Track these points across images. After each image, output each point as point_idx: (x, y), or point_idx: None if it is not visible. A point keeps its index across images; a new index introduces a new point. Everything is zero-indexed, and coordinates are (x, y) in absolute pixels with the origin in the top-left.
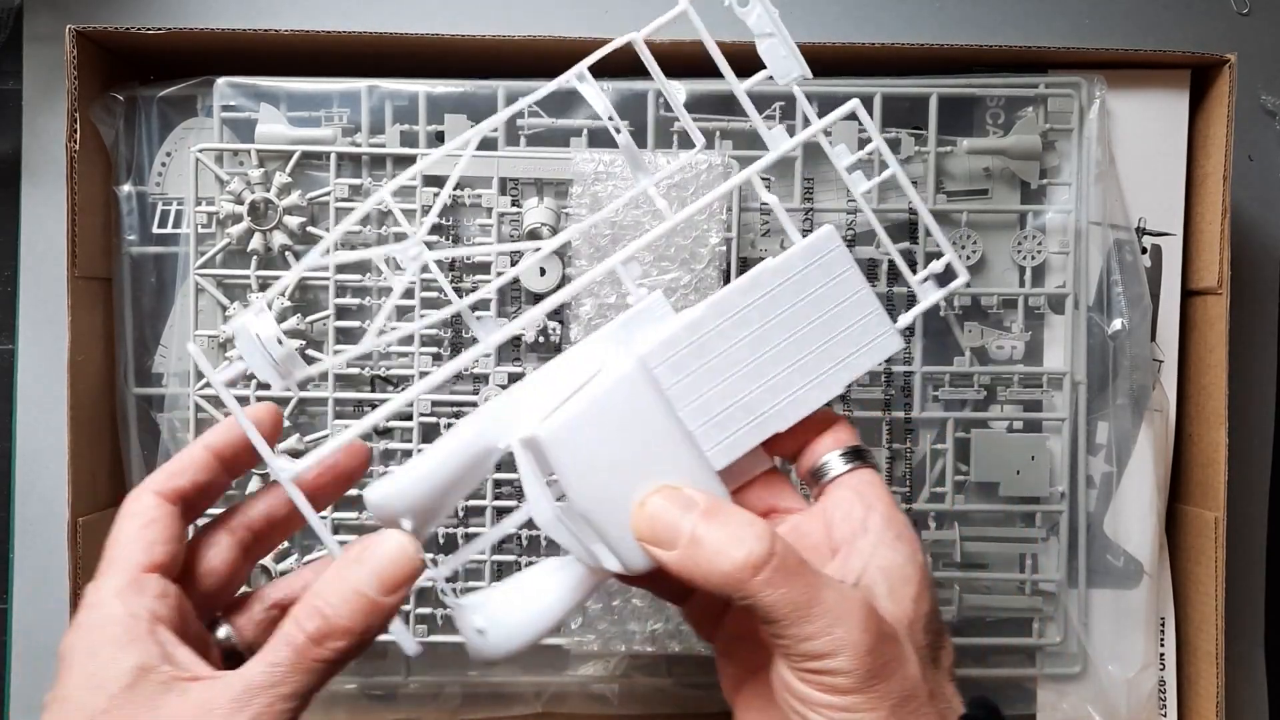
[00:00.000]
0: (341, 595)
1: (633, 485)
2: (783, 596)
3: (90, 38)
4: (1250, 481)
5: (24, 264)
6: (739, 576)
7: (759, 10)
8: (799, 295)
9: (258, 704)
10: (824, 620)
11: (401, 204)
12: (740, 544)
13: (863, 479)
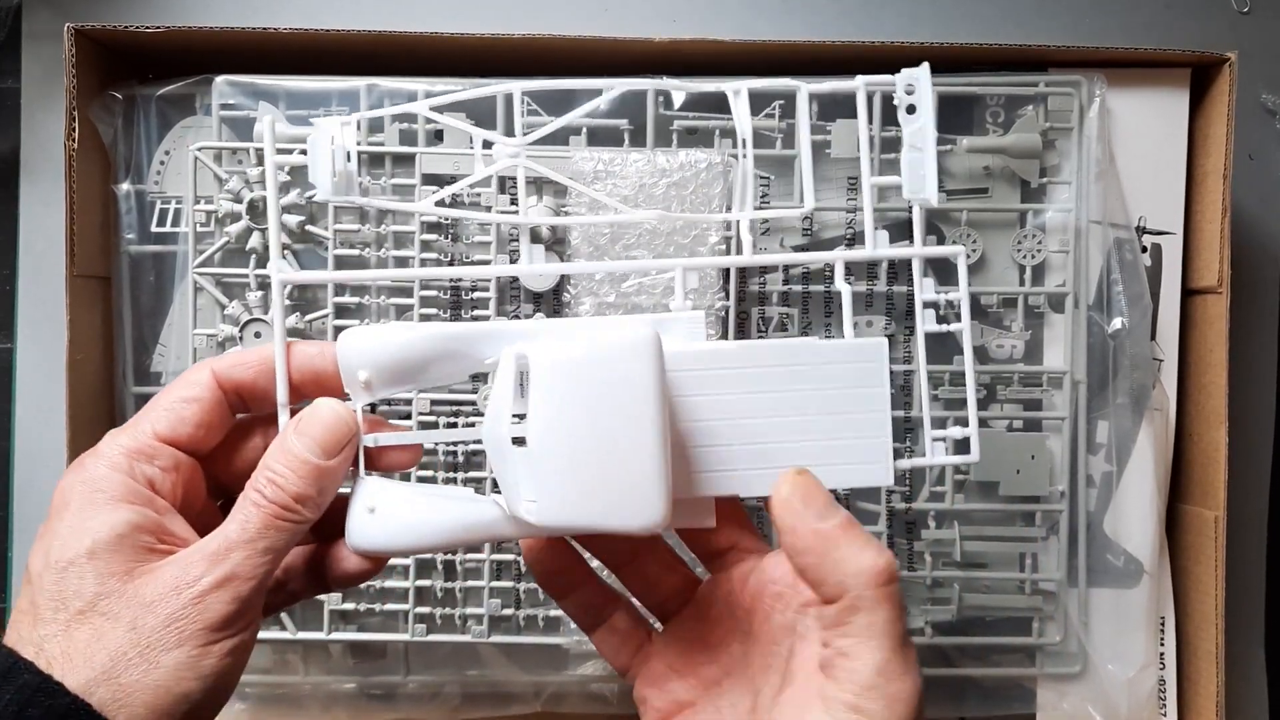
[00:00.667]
0: (289, 464)
1: (598, 447)
2: (890, 618)
3: (89, 36)
4: (1250, 481)
5: (23, 263)
6: (869, 579)
7: (922, 124)
8: (826, 383)
9: (235, 557)
10: (898, 663)
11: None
12: (878, 552)
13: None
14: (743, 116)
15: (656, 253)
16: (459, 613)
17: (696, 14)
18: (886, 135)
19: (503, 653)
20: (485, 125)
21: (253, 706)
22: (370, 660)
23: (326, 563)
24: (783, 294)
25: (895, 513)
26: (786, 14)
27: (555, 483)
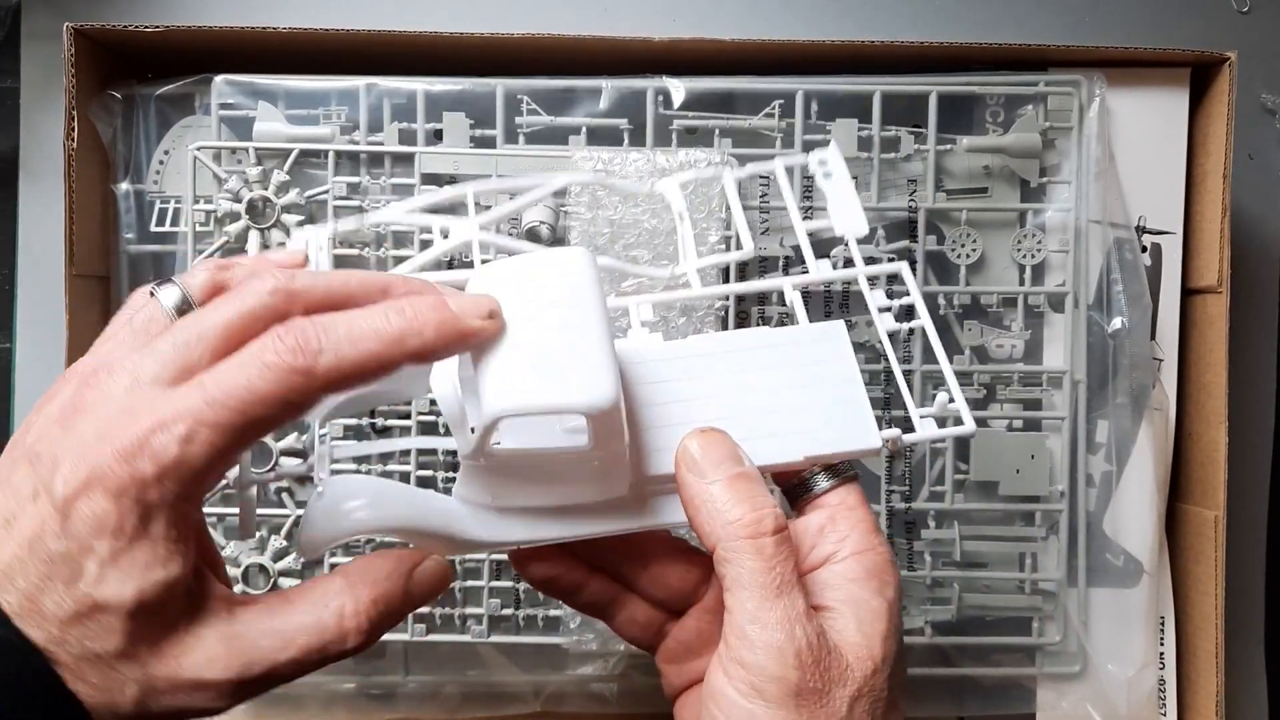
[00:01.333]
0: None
1: (543, 340)
2: (761, 569)
3: (88, 36)
4: (1250, 480)
5: (22, 263)
6: (736, 530)
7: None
8: (796, 365)
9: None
10: (778, 614)
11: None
12: (753, 508)
13: (842, 498)
14: (676, 198)
15: (656, 252)
16: (459, 612)
17: (696, 14)
18: (886, 135)
19: (502, 652)
20: (485, 125)
21: (252, 706)
22: (370, 660)
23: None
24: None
25: (895, 512)
26: (786, 13)
27: (501, 374)
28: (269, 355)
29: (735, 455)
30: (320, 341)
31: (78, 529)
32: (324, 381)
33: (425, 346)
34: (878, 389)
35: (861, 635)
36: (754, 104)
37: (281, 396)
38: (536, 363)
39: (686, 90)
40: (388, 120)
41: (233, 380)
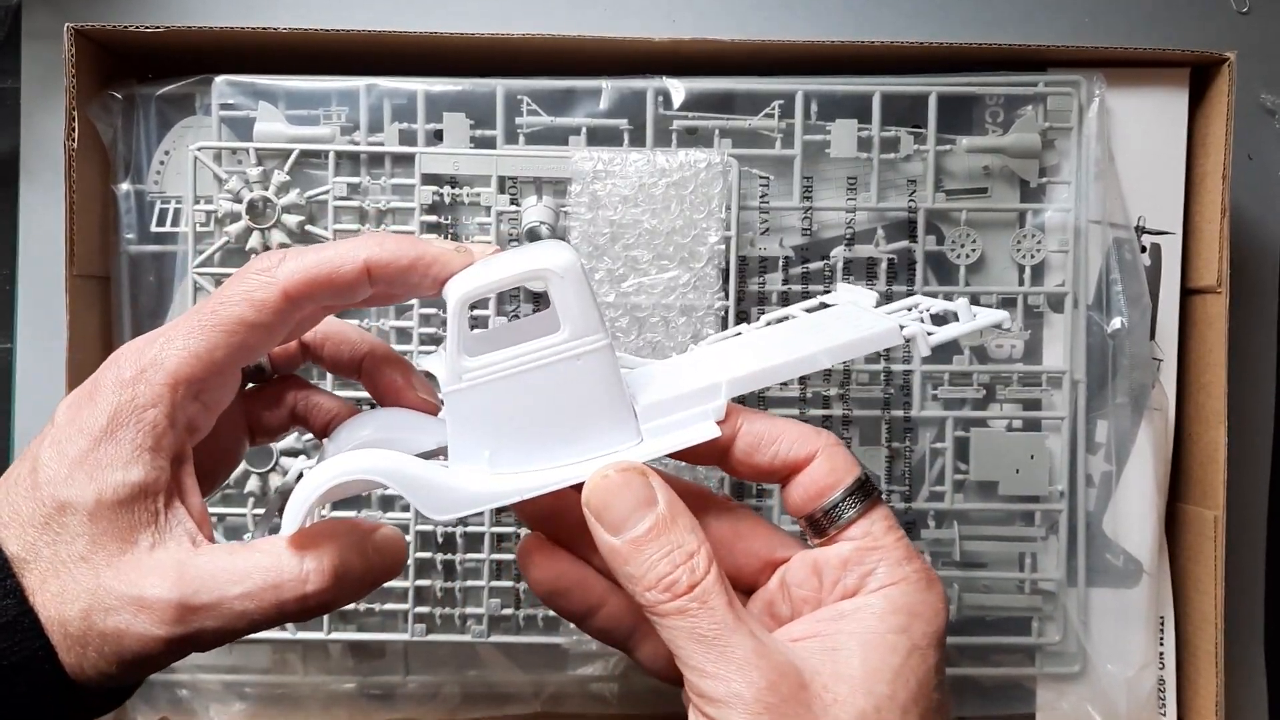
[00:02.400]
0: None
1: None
2: (690, 627)
3: (88, 36)
4: (1250, 480)
5: (22, 263)
6: (654, 596)
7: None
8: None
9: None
10: (725, 664)
11: (400, 201)
12: (671, 564)
13: (868, 529)
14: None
15: (656, 252)
16: (459, 612)
17: (696, 14)
18: (885, 135)
19: (502, 652)
20: (485, 125)
21: (252, 706)
22: (370, 660)
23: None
24: (782, 294)
25: (895, 512)
26: (786, 14)
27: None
28: (240, 270)
29: (649, 497)
30: (286, 255)
31: (56, 430)
32: (284, 282)
33: (383, 257)
34: (877, 388)
35: (864, 669)
36: (754, 104)
37: (245, 293)
38: (496, 261)
39: (686, 90)
40: (388, 121)
41: (211, 296)
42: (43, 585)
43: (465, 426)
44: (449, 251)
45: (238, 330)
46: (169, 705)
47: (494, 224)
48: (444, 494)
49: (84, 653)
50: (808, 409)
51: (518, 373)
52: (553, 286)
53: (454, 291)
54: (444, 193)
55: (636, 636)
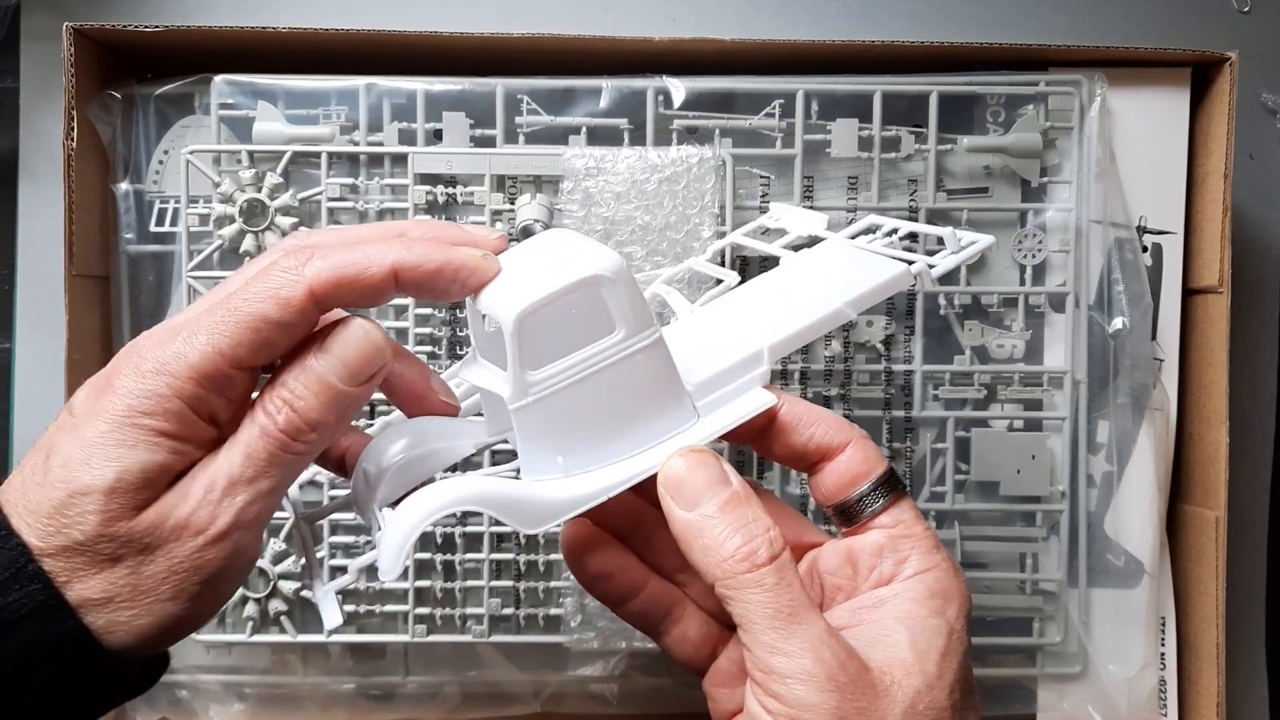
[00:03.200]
0: (308, 386)
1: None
2: (767, 601)
3: (87, 36)
4: (1251, 480)
5: (21, 262)
6: (732, 566)
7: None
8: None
9: (239, 501)
10: (798, 641)
11: (394, 202)
12: (746, 538)
13: (898, 517)
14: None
15: (650, 248)
16: (459, 613)
17: (697, 13)
18: (886, 135)
19: (502, 653)
20: (485, 125)
21: (252, 707)
22: (369, 660)
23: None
24: None
25: None
26: (786, 14)
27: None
28: (265, 261)
29: (722, 476)
30: (314, 253)
31: (74, 419)
32: (310, 281)
33: (410, 261)
34: (878, 389)
35: (914, 652)
36: (754, 104)
37: (270, 290)
38: (535, 267)
39: (687, 90)
40: (387, 120)
41: (236, 287)
42: (65, 569)
43: (535, 437)
44: (477, 258)
45: (261, 328)
46: (169, 706)
47: (488, 223)
48: (536, 507)
49: (114, 621)
50: None
51: (581, 379)
52: (606, 291)
53: (506, 309)
54: (437, 192)
55: (668, 621)
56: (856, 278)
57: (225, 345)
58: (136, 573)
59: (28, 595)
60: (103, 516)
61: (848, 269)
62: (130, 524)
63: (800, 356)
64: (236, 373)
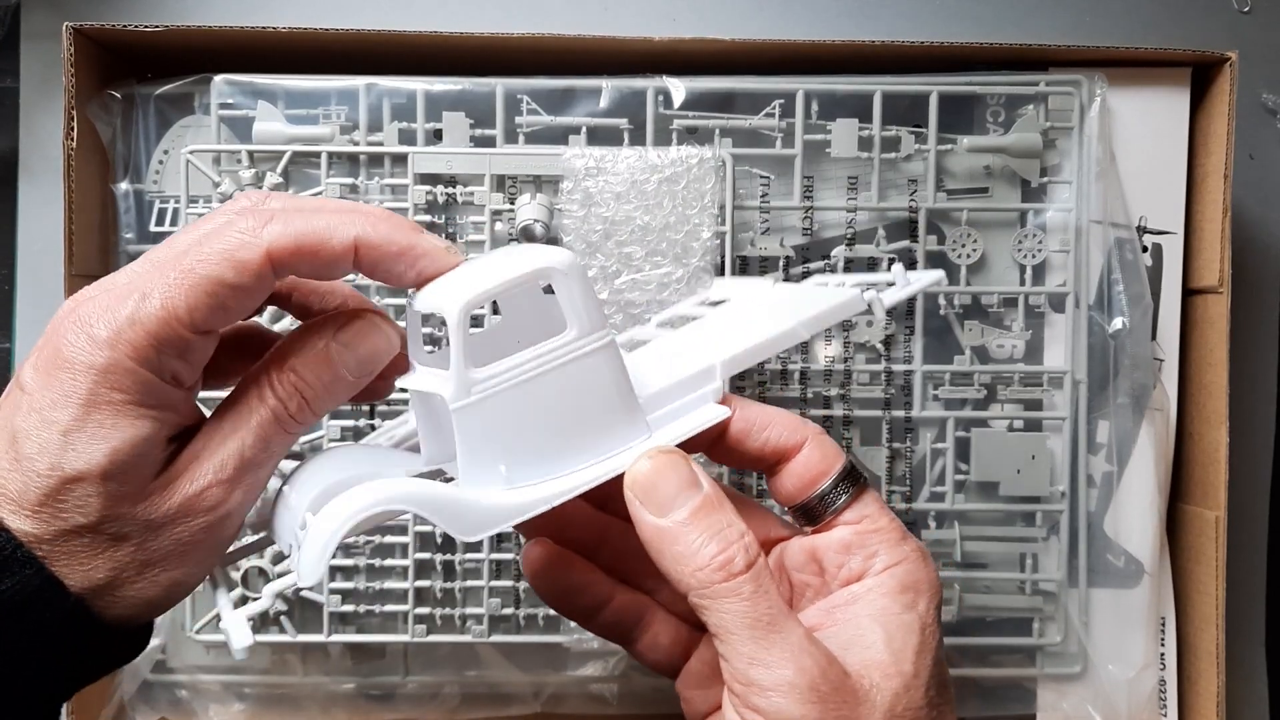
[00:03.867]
0: (320, 376)
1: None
2: (745, 610)
3: (87, 35)
4: (1251, 481)
5: (21, 262)
6: (707, 576)
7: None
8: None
9: (248, 481)
10: (778, 651)
11: (394, 202)
12: (724, 543)
13: (862, 512)
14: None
15: (649, 249)
16: (459, 613)
17: (697, 13)
18: (886, 135)
19: (502, 653)
20: (485, 125)
21: (251, 707)
22: (369, 660)
23: None
24: None
25: (896, 513)
26: (786, 14)
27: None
28: (220, 217)
29: (693, 479)
30: (273, 216)
31: (31, 399)
32: (269, 245)
33: (374, 239)
34: (878, 389)
35: (890, 652)
36: (754, 104)
37: (226, 252)
38: (486, 264)
39: (687, 90)
40: (387, 120)
41: (187, 245)
42: (64, 552)
43: (478, 442)
44: (440, 249)
45: (218, 292)
46: (169, 706)
47: (489, 223)
48: (473, 512)
49: (119, 597)
50: (808, 409)
51: (529, 379)
52: (559, 284)
53: (450, 299)
54: (437, 192)
55: (638, 629)
56: (811, 302)
57: (182, 309)
58: (143, 548)
59: (22, 581)
60: (106, 500)
61: (803, 296)
62: (137, 506)
63: (800, 357)
64: (195, 337)
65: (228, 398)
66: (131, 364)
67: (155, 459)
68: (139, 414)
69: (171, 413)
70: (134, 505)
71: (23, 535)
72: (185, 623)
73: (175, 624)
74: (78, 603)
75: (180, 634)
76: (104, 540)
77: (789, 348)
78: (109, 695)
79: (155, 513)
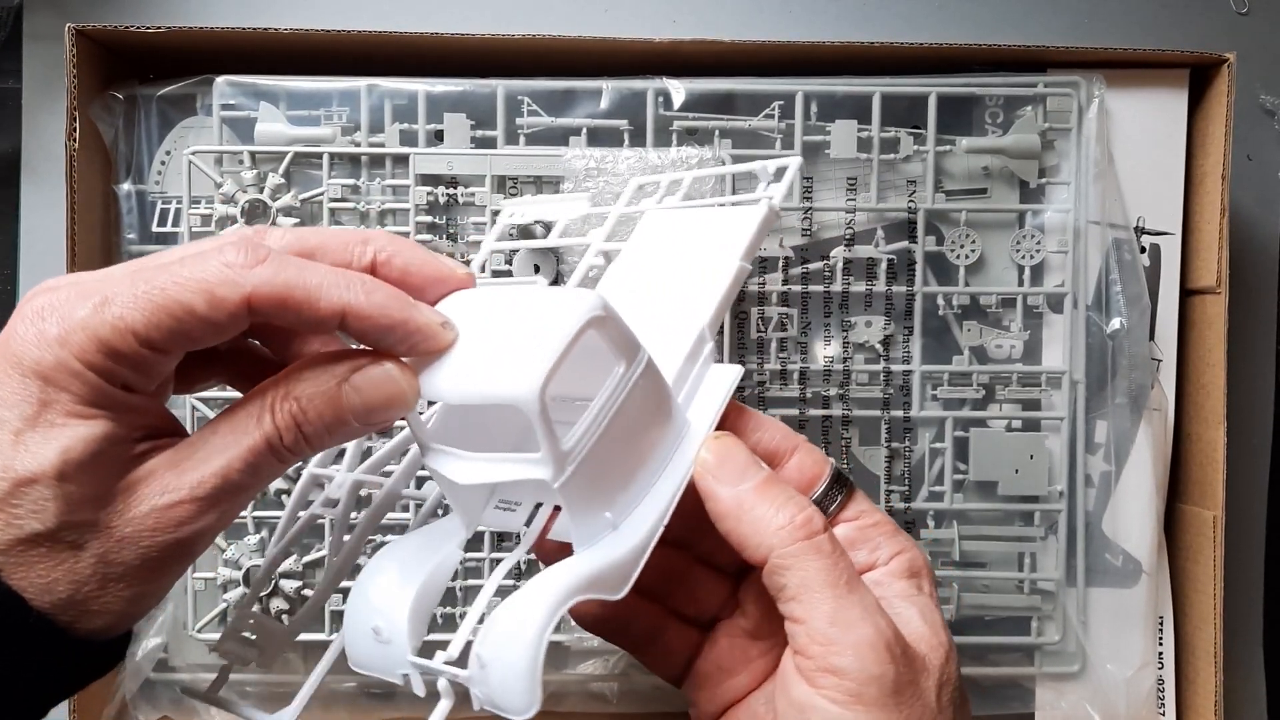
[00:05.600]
0: (322, 416)
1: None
2: (828, 567)
3: (90, 36)
4: (1249, 480)
5: (23, 263)
6: (790, 534)
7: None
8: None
9: (224, 505)
10: (859, 609)
11: (395, 203)
12: (799, 507)
13: (858, 510)
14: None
15: None
16: (459, 611)
17: (697, 15)
18: (885, 136)
19: None
20: (486, 126)
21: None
22: None
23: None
24: (782, 294)
25: (894, 512)
26: (786, 14)
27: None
28: (208, 246)
29: (753, 457)
30: (267, 257)
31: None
32: (252, 289)
33: (364, 310)
34: (876, 389)
35: (927, 626)
36: (754, 105)
37: (205, 283)
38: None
39: (687, 91)
40: (389, 121)
41: (171, 260)
42: (20, 563)
43: (582, 505)
44: (435, 325)
45: (184, 318)
46: (169, 705)
47: (489, 223)
48: (617, 571)
49: (84, 611)
50: (808, 409)
51: (604, 428)
52: (604, 332)
53: (518, 387)
54: (438, 193)
55: (653, 636)
56: (729, 231)
57: (140, 325)
58: (104, 560)
59: None
60: (63, 504)
61: (710, 227)
62: (99, 512)
63: (800, 356)
64: (150, 354)
65: (225, 411)
66: (79, 366)
67: (117, 459)
68: (90, 414)
69: (131, 414)
70: (95, 510)
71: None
72: (187, 622)
73: (177, 623)
74: (39, 618)
75: (182, 633)
76: (62, 549)
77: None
78: (111, 694)
79: (118, 519)
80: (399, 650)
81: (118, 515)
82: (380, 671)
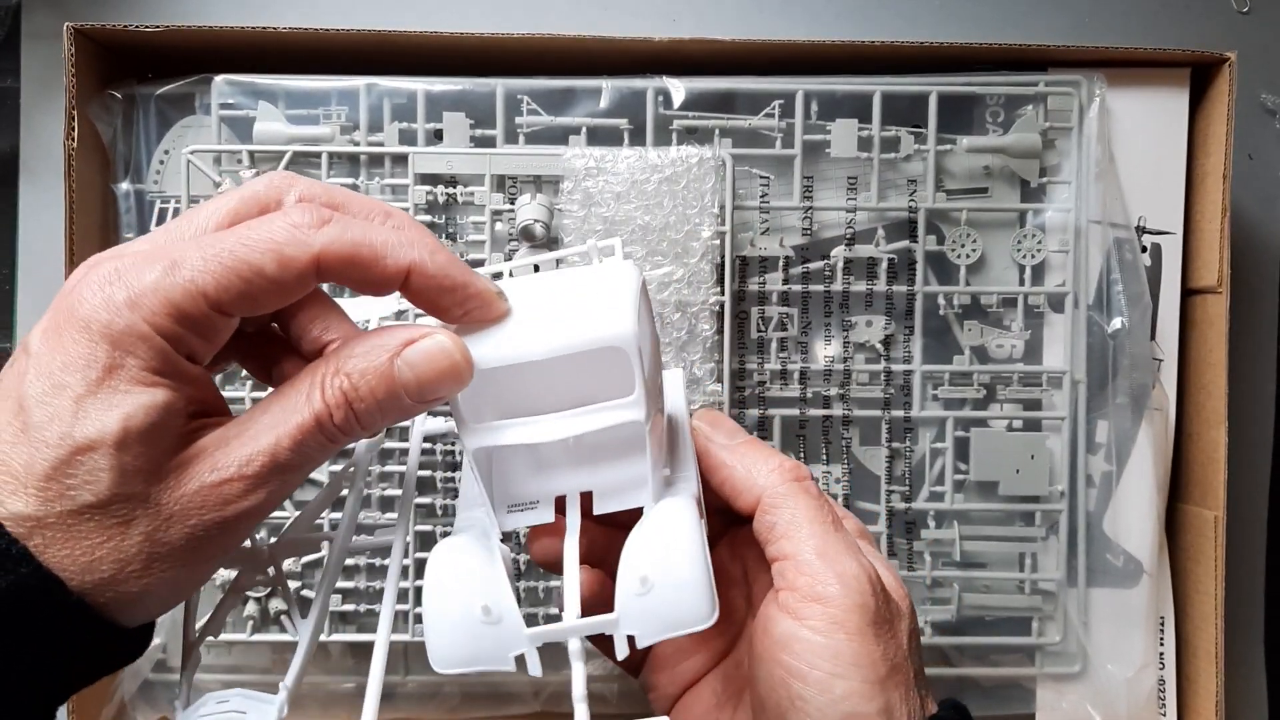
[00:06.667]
0: (375, 393)
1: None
2: (816, 505)
3: (88, 35)
4: (1250, 480)
5: (22, 263)
6: (783, 474)
7: None
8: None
9: (273, 484)
10: (843, 544)
11: (395, 202)
12: (787, 457)
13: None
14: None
15: (650, 249)
16: None
17: (697, 14)
18: (886, 135)
19: None
20: (485, 125)
21: None
22: (369, 660)
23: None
24: (782, 294)
25: (895, 512)
26: (786, 14)
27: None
28: (259, 186)
29: (738, 426)
30: (331, 216)
31: (39, 364)
32: (321, 248)
33: (429, 269)
34: (877, 388)
35: (894, 578)
36: (754, 104)
37: (274, 244)
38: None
39: (687, 90)
40: (388, 120)
41: (235, 230)
42: (58, 545)
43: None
44: (492, 294)
45: (254, 280)
46: (169, 705)
47: (489, 223)
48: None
49: (124, 593)
50: (808, 409)
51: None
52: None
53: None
54: (438, 192)
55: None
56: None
57: (211, 287)
58: (151, 539)
59: (18, 580)
60: (118, 475)
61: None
62: (151, 486)
63: (800, 356)
64: (218, 317)
65: (277, 390)
66: (149, 330)
67: (172, 433)
68: (155, 382)
69: (189, 387)
70: (147, 484)
71: (22, 520)
72: None
73: (176, 623)
74: (78, 601)
75: (181, 633)
76: (112, 524)
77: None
78: (109, 694)
79: (167, 496)
80: (512, 625)
81: (167, 491)
82: (488, 659)
